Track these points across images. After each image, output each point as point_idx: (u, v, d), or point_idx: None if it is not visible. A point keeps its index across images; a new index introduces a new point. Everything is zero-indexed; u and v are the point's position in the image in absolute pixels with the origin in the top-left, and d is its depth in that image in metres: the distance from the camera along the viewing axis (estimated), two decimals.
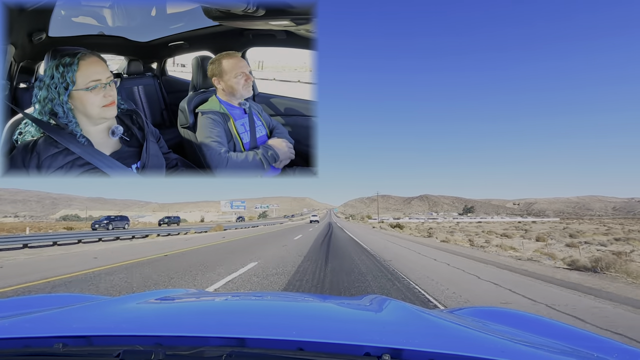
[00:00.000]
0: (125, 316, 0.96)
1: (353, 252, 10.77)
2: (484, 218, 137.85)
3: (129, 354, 0.65)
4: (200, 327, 0.84)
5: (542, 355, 0.77)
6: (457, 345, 0.74)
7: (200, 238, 18.84)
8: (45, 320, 0.91)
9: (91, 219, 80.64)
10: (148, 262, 8.39)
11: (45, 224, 55.68)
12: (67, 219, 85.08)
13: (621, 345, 0.98)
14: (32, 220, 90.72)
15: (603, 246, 20.60)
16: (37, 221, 78.97)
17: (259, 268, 7.26)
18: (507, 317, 1.31)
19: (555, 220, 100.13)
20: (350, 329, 0.88)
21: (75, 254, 10.73)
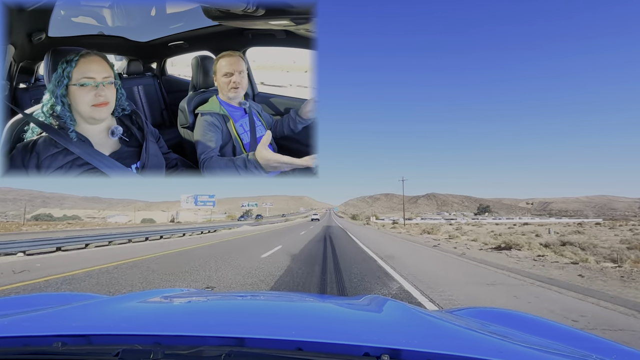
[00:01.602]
0: (125, 315, 0.96)
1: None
2: (510, 218, 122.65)
3: (128, 353, 0.66)
4: (199, 327, 0.84)
5: (541, 356, 0.77)
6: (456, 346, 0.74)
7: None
8: (44, 319, 0.91)
9: (65, 218, 79.58)
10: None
11: (9, 224, 53.43)
12: (39, 218, 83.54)
13: (620, 346, 0.98)
14: (5, 219, 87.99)
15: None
16: (9, 221, 75.16)
17: None
18: (505, 317, 1.31)
19: (595, 221, 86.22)
20: (349, 329, 0.88)
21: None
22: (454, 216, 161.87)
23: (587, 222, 76.15)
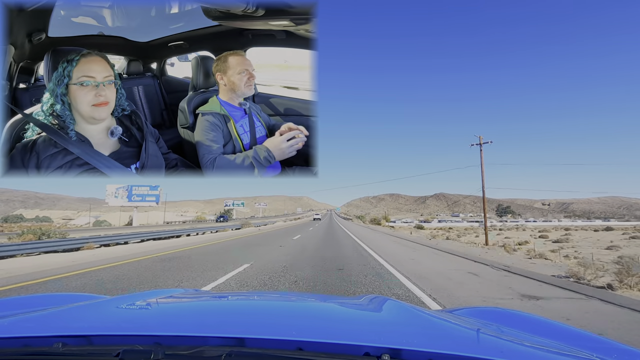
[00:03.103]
0: (125, 316, 0.96)
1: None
2: (534, 220, 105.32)
3: (129, 353, 0.66)
4: (200, 327, 0.84)
5: (541, 355, 0.77)
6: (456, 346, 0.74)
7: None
8: (44, 319, 0.91)
9: (38, 220, 77.15)
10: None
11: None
12: (8, 220, 79.36)
13: (620, 345, 0.98)
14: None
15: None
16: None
17: None
18: (506, 317, 1.31)
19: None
20: (349, 329, 0.88)
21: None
22: (471, 217, 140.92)
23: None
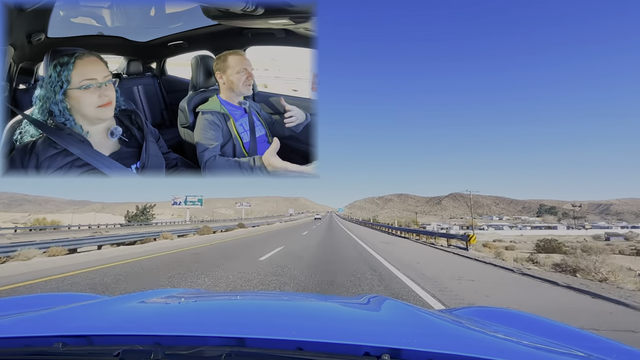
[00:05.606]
0: (125, 316, 0.96)
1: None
2: (633, 226, 75.64)
3: (129, 353, 0.66)
4: (200, 327, 0.84)
5: (541, 355, 0.77)
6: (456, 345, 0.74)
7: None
8: (45, 319, 0.91)
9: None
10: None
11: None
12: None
13: (620, 345, 0.98)
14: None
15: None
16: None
17: None
18: (506, 317, 1.31)
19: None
20: (349, 329, 0.88)
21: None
22: (507, 221, 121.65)
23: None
